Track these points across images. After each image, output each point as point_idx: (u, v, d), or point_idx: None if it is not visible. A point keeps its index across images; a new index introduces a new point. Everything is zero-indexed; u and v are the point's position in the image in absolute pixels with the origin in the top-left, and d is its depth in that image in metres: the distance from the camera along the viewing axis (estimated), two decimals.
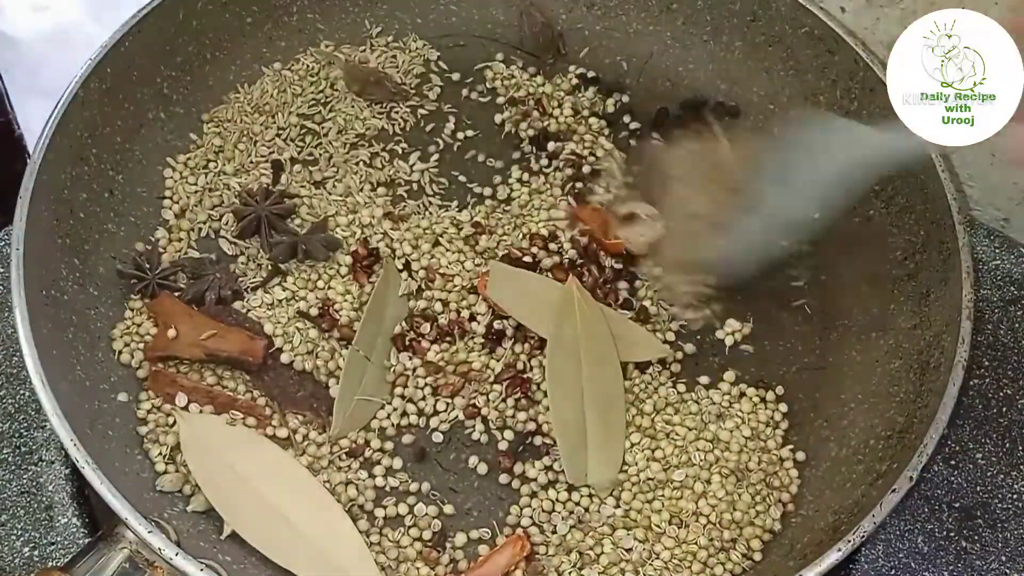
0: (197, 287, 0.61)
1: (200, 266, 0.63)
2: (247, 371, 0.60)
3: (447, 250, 0.64)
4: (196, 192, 0.66)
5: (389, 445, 0.59)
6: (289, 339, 0.61)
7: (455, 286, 0.63)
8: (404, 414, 0.60)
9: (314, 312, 0.62)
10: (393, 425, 0.59)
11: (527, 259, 0.63)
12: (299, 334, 0.61)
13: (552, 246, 0.64)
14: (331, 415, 0.58)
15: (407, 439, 0.59)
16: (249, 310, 0.62)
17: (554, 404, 0.58)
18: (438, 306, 0.62)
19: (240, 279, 0.63)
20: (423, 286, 0.63)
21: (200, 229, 0.65)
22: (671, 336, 0.63)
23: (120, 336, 0.60)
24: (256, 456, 0.56)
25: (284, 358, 0.60)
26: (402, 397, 0.60)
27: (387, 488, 0.58)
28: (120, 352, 0.60)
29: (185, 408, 0.58)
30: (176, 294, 0.61)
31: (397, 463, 0.58)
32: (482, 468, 0.58)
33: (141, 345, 0.60)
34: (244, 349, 0.59)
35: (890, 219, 0.64)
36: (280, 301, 0.62)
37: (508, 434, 0.59)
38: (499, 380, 0.60)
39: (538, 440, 0.59)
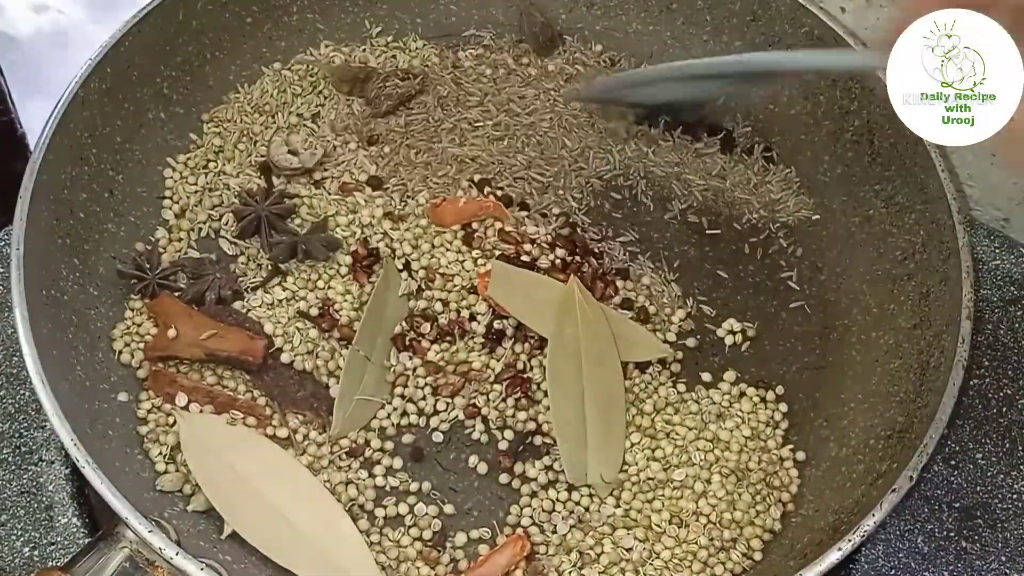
0: (197, 287, 0.61)
1: (200, 266, 0.63)
2: (247, 371, 0.60)
3: (447, 250, 0.64)
4: (196, 192, 0.66)
5: (389, 445, 0.59)
6: (289, 339, 0.61)
7: (455, 286, 0.63)
8: (404, 414, 0.60)
9: (314, 312, 0.62)
10: (393, 425, 0.59)
11: (524, 258, 0.63)
12: (299, 334, 0.61)
13: (547, 244, 0.65)
14: (331, 415, 0.58)
15: (407, 439, 0.59)
16: (249, 310, 0.62)
17: (554, 404, 0.58)
18: (438, 306, 0.62)
19: (240, 279, 0.63)
20: (423, 286, 0.63)
21: (200, 229, 0.65)
22: (671, 336, 0.63)
23: (120, 336, 0.60)
24: (256, 456, 0.56)
25: (284, 358, 0.60)
26: (402, 397, 0.60)
27: (387, 488, 0.58)
28: (120, 352, 0.60)
29: (185, 408, 0.58)
30: (176, 294, 0.61)
31: (397, 463, 0.58)
32: (482, 468, 0.58)
33: (141, 345, 0.60)
34: (244, 349, 0.59)
35: (890, 219, 0.64)
36: (280, 301, 0.62)
37: (508, 434, 0.59)
38: (499, 380, 0.60)
39: (538, 440, 0.59)
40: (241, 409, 0.58)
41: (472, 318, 0.62)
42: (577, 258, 0.64)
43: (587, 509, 0.57)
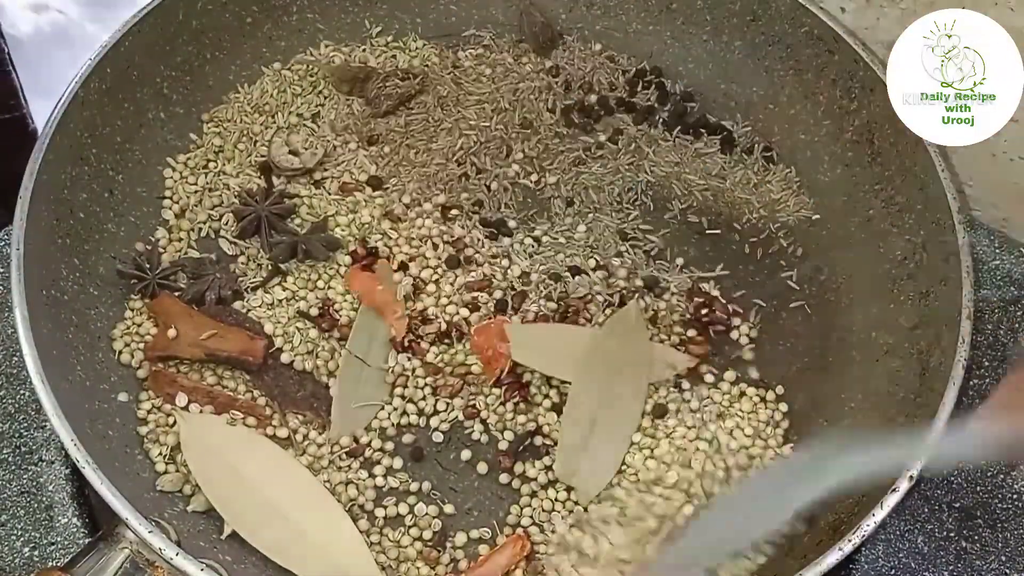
0: (197, 287, 0.61)
1: (200, 266, 0.63)
2: (247, 371, 0.60)
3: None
4: (196, 192, 0.66)
5: (389, 445, 0.59)
6: (289, 339, 0.61)
7: (454, 289, 0.63)
8: (404, 414, 0.60)
9: (314, 312, 0.62)
10: (393, 425, 0.59)
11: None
12: (299, 334, 0.61)
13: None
14: (331, 415, 0.58)
15: (407, 439, 0.59)
16: (249, 310, 0.62)
17: (572, 400, 0.58)
18: (433, 310, 0.62)
19: (240, 279, 0.63)
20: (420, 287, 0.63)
21: (200, 229, 0.65)
22: (675, 339, 0.63)
23: (120, 336, 0.60)
24: (256, 456, 0.56)
25: (284, 358, 0.60)
26: (402, 397, 0.60)
27: (387, 488, 0.57)
28: (120, 352, 0.60)
29: (185, 408, 0.58)
30: (176, 294, 0.61)
31: (397, 463, 0.58)
32: (482, 468, 0.58)
33: (141, 345, 0.60)
34: (244, 349, 0.59)
35: (890, 219, 0.64)
36: (280, 301, 0.62)
37: (508, 434, 0.59)
38: (498, 384, 0.60)
39: (538, 440, 0.59)
40: (241, 409, 0.58)
41: (468, 323, 0.62)
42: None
43: (586, 509, 0.57)
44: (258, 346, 0.59)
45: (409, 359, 0.60)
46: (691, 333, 0.62)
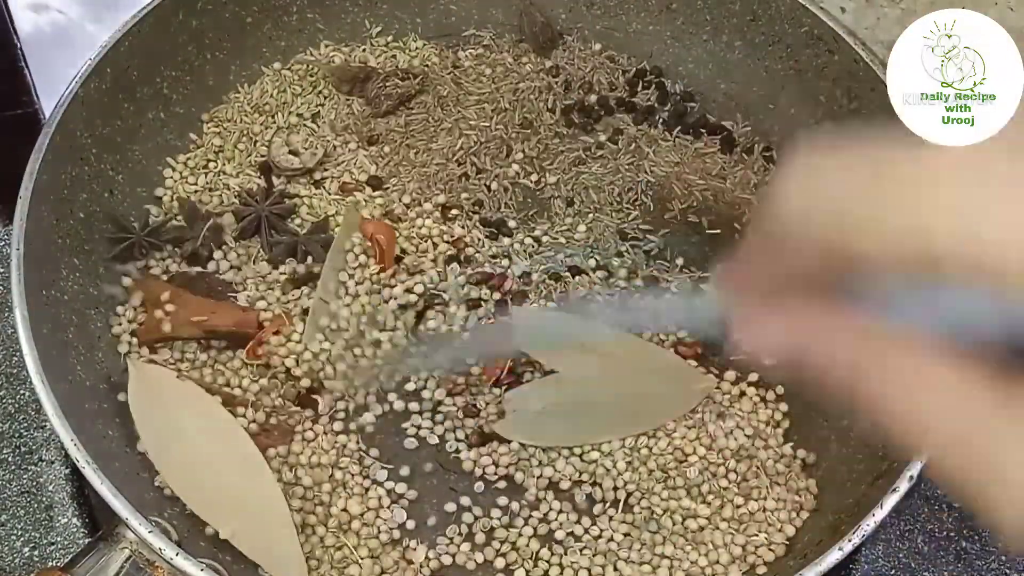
0: (188, 246, 0.62)
1: (184, 231, 0.63)
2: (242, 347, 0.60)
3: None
4: (196, 192, 0.66)
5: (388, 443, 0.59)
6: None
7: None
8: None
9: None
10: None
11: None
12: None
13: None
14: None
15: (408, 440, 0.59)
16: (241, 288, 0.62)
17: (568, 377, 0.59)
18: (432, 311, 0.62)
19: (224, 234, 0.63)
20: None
21: None
22: (671, 338, 0.63)
23: (121, 334, 0.60)
24: (201, 415, 0.56)
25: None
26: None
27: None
28: (121, 351, 0.60)
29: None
30: (164, 277, 0.61)
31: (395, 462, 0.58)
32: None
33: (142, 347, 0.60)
34: (239, 321, 0.59)
35: None
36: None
37: None
38: (498, 383, 0.60)
39: None
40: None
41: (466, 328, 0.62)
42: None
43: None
44: (252, 317, 0.59)
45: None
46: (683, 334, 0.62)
